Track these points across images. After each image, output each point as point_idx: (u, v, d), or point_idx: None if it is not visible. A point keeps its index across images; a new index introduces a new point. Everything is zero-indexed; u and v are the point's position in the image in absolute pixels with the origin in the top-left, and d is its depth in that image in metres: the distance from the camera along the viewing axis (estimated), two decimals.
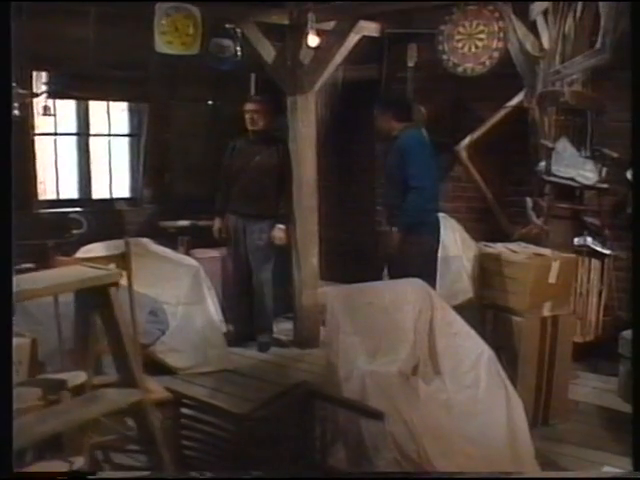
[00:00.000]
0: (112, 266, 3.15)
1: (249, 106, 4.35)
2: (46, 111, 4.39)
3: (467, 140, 4.33)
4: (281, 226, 4.42)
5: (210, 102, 5.29)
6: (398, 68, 4.66)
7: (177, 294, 4.21)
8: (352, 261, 5.06)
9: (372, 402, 2.71)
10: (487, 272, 3.50)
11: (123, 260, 3.14)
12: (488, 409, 2.89)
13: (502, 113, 4.22)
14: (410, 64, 4.49)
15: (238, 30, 4.10)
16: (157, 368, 3.92)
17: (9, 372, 1.85)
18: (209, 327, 4.27)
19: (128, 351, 2.15)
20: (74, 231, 4.88)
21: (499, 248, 3.49)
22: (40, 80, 4.68)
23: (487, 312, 3.50)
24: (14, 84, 3.77)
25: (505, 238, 4.32)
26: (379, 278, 4.66)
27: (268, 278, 4.57)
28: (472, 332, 3.08)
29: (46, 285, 2.06)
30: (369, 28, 4.61)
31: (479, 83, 4.20)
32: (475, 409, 2.88)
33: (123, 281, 3.19)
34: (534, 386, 3.37)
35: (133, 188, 5.44)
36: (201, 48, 3.98)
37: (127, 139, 5.39)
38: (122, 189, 5.45)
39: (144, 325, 3.74)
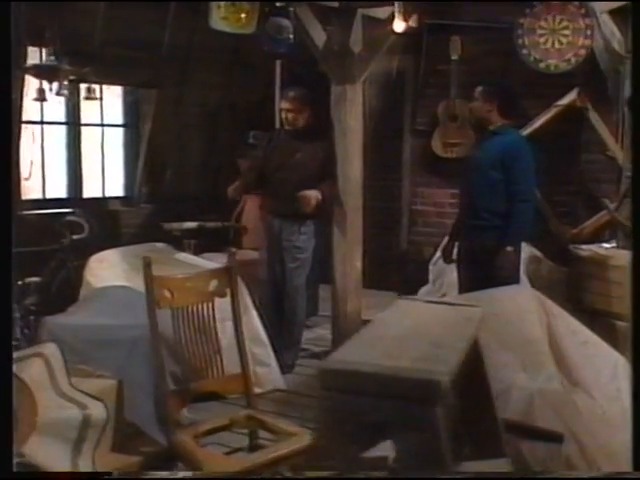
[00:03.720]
0: (214, 283, 2.66)
1: (284, 104, 3.93)
2: (40, 95, 3.67)
3: None
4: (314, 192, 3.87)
5: (222, 91, 4.76)
6: (438, 61, 4.45)
7: (220, 308, 3.70)
8: (389, 266, 4.79)
9: (541, 423, 2.49)
10: (582, 276, 3.40)
11: (227, 275, 2.64)
12: (630, 421, 2.76)
13: (553, 112, 4.15)
14: (454, 57, 4.29)
15: (291, 9, 3.67)
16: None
17: (9, 372, 1.61)
18: (255, 342, 3.80)
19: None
20: (74, 236, 4.18)
21: (594, 251, 3.39)
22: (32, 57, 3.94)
23: (580, 316, 3.40)
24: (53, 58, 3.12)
25: (555, 239, 4.28)
26: (421, 283, 4.45)
27: (302, 285, 4.17)
28: (601, 340, 2.95)
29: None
30: None
31: (528, 80, 4.11)
32: (622, 422, 2.74)
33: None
34: None
35: (128, 186, 4.79)
36: (257, 28, 3.52)
37: (121, 130, 4.72)
38: (114, 186, 4.77)
39: None
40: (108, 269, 3.88)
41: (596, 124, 4.05)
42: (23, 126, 4.12)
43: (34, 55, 3.73)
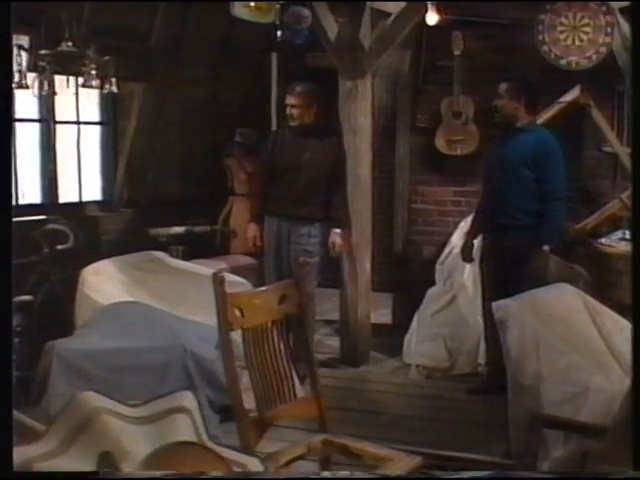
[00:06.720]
0: (284, 298, 2.39)
1: (291, 100, 3.71)
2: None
3: None
4: (338, 231, 3.87)
5: (209, 86, 4.42)
6: (439, 56, 4.36)
7: None
8: (388, 266, 4.65)
9: (625, 426, 2.45)
10: (610, 272, 3.43)
11: (297, 289, 2.38)
12: None
13: (556, 108, 4.17)
14: (456, 52, 4.21)
15: None
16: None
17: (9, 372, 1.55)
18: None
19: None
20: (58, 246, 3.74)
21: (621, 247, 3.43)
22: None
23: None
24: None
25: None
26: (424, 283, 4.35)
27: (313, 291, 3.98)
28: None
29: None
30: None
31: (532, 76, 4.10)
32: None
33: None
34: None
35: (106, 189, 4.36)
36: (274, 17, 3.29)
37: (98, 128, 4.28)
38: (90, 190, 4.33)
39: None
40: (106, 282, 3.51)
41: (598, 121, 4.12)
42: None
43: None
